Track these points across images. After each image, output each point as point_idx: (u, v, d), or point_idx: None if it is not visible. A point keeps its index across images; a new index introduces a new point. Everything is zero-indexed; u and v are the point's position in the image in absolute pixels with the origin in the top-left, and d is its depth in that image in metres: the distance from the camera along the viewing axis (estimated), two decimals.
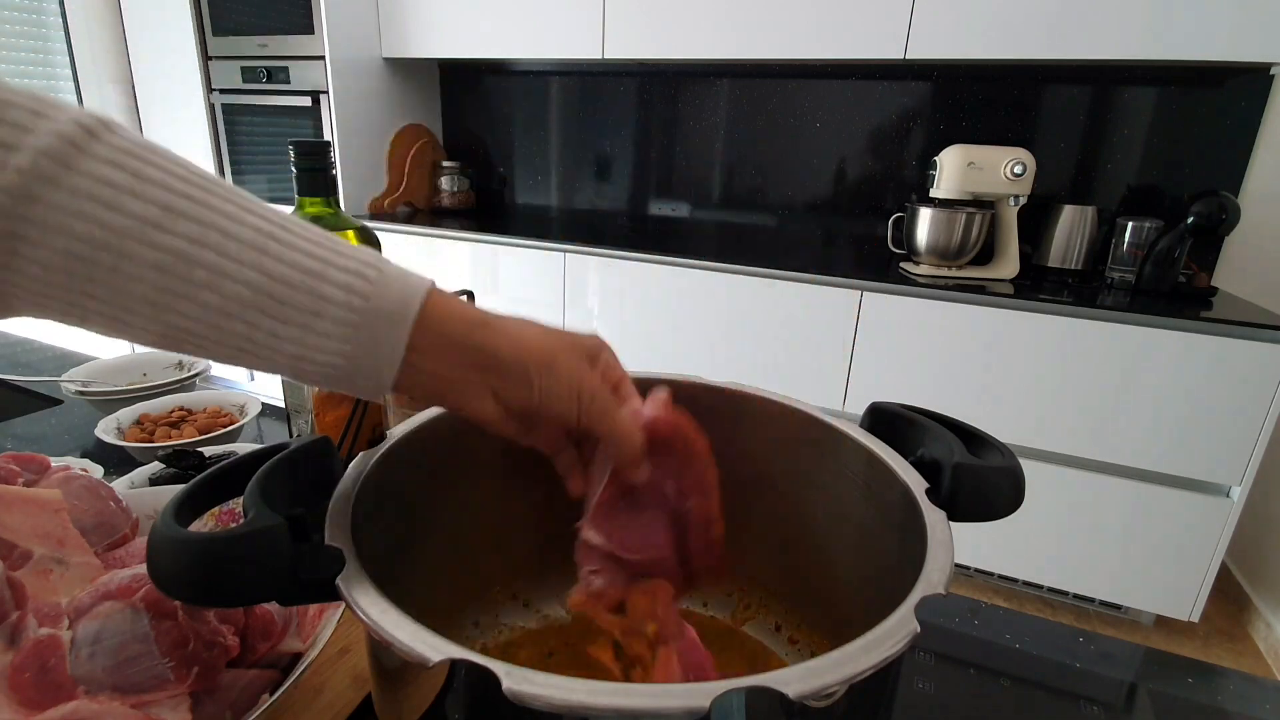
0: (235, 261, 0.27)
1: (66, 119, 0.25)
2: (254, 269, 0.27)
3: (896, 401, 0.42)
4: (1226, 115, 1.71)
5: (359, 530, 0.30)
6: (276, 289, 0.27)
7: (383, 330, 0.29)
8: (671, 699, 0.21)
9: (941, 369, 1.65)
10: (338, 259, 0.28)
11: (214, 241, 0.27)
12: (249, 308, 0.27)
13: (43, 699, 0.32)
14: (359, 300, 0.28)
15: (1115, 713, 0.45)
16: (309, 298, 0.28)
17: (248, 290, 0.27)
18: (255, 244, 0.27)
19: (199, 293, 0.27)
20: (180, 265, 0.26)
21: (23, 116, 0.25)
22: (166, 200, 0.26)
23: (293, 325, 0.28)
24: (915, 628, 0.25)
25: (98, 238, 0.25)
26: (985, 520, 0.34)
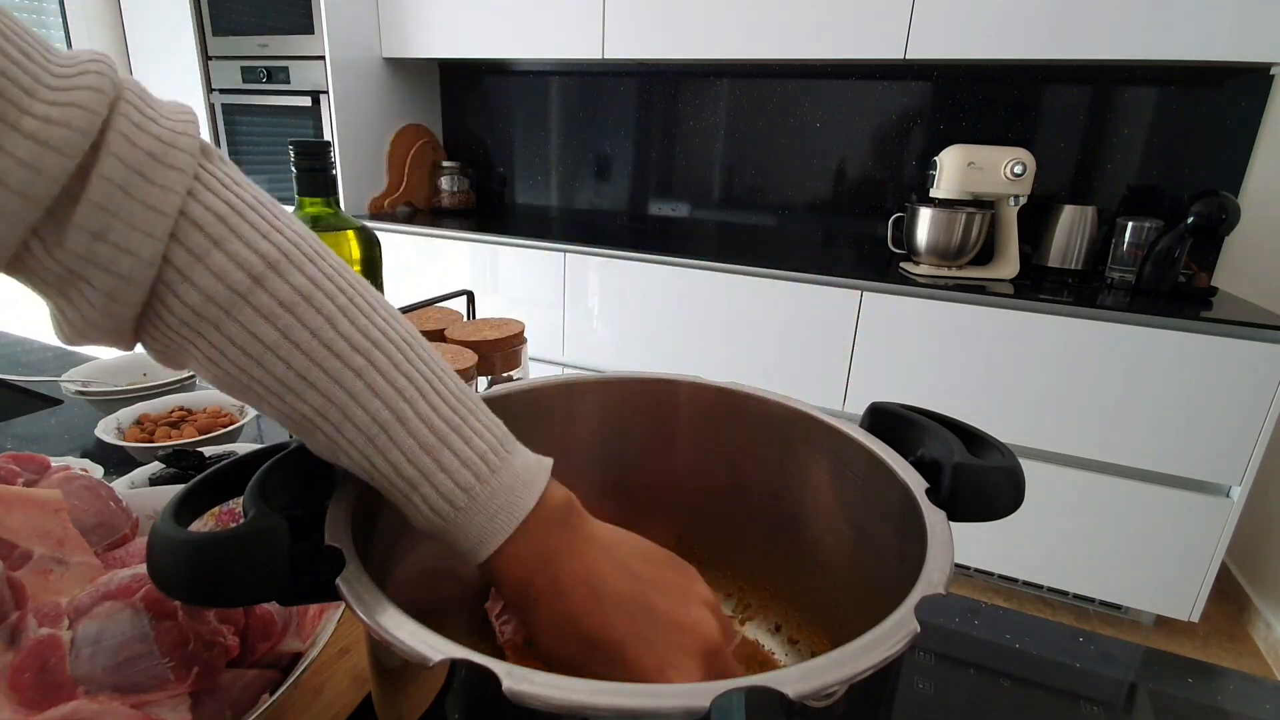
0: (349, 442, 0.29)
1: (239, 260, 0.26)
2: (362, 455, 0.29)
3: (896, 401, 0.42)
4: (1226, 115, 1.71)
5: (359, 530, 0.30)
6: (378, 478, 0.29)
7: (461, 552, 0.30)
8: (671, 699, 0.21)
9: (941, 369, 1.65)
10: (435, 474, 0.29)
11: (334, 419, 0.28)
12: (361, 472, 0.29)
13: (43, 699, 0.32)
14: (441, 523, 0.29)
15: (1115, 713, 0.45)
16: (402, 498, 0.29)
17: (356, 468, 0.29)
18: (367, 433, 0.28)
19: (322, 449, 0.29)
20: (306, 425, 0.29)
21: (201, 244, 0.26)
22: (303, 367, 0.27)
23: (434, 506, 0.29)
24: (915, 628, 0.24)
25: (244, 381, 0.28)
26: (985, 520, 0.34)
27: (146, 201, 0.25)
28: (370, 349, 0.28)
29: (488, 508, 0.29)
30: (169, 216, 0.25)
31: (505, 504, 0.30)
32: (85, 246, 0.25)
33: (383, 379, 0.28)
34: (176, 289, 0.26)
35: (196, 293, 0.26)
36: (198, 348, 0.28)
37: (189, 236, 0.26)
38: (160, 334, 0.28)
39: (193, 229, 0.26)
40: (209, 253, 0.26)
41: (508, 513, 0.30)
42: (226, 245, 0.26)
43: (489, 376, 0.63)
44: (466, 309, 0.72)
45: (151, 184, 0.25)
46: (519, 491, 0.30)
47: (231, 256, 0.26)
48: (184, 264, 0.26)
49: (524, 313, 2.07)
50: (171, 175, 0.26)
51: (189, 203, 0.26)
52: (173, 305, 0.27)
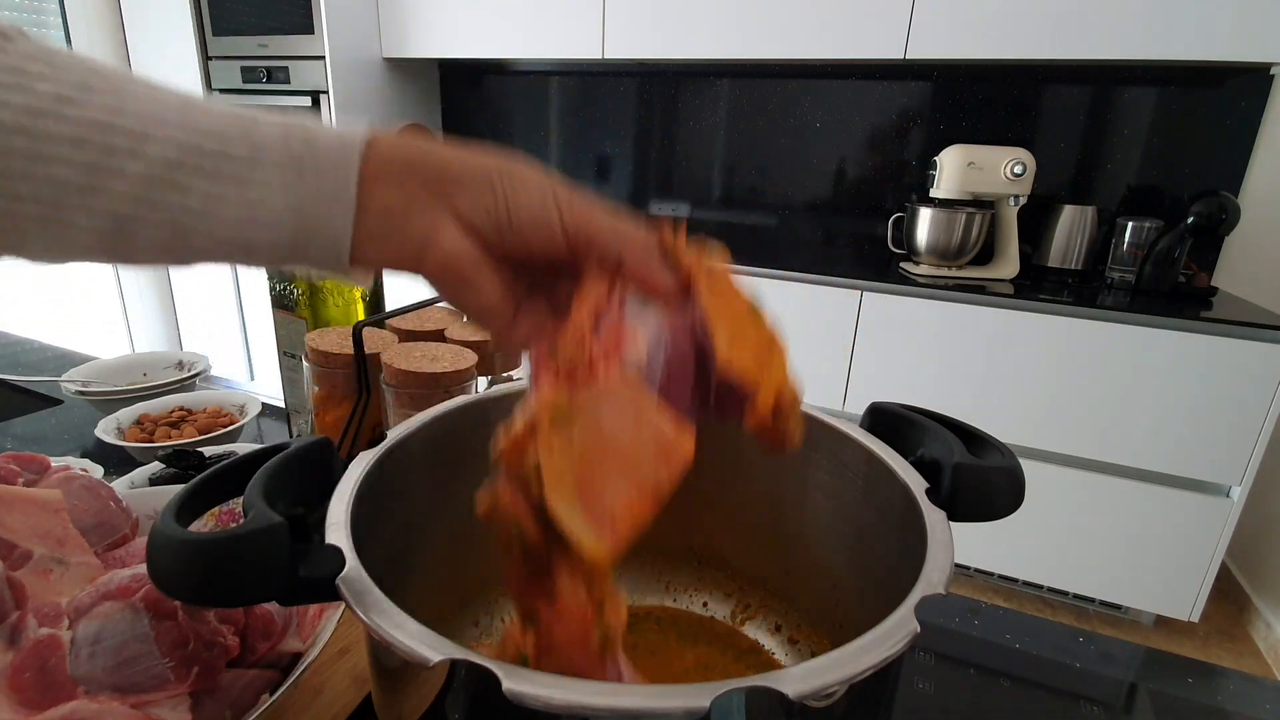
0: (158, 123, 0.24)
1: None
2: (178, 127, 0.25)
3: (896, 401, 0.42)
4: (1226, 115, 1.71)
5: (359, 530, 0.30)
6: (205, 142, 0.25)
7: (328, 167, 0.26)
8: (671, 699, 0.21)
9: (941, 369, 1.65)
10: (269, 114, 0.26)
11: (132, 109, 0.24)
12: (178, 168, 0.25)
13: (43, 699, 0.32)
14: (298, 143, 0.26)
15: (1115, 713, 0.45)
16: (242, 146, 0.25)
17: (174, 150, 0.25)
18: (177, 106, 0.25)
19: (124, 162, 0.24)
20: (98, 135, 0.24)
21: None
22: (82, 78, 0.24)
23: (227, 181, 0.25)
24: (915, 628, 0.25)
25: (8, 121, 0.23)
26: (985, 520, 0.34)
27: None
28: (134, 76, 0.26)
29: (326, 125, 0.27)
30: None
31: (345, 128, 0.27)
32: None
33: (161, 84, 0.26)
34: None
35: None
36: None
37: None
38: None
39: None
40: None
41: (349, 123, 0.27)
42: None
43: (489, 376, 0.63)
44: None
45: None
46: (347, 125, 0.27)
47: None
48: None
49: None
50: None
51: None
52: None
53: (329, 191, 0.26)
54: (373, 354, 0.58)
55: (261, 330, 2.56)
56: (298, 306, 0.67)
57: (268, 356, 2.59)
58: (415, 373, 0.54)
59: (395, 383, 0.55)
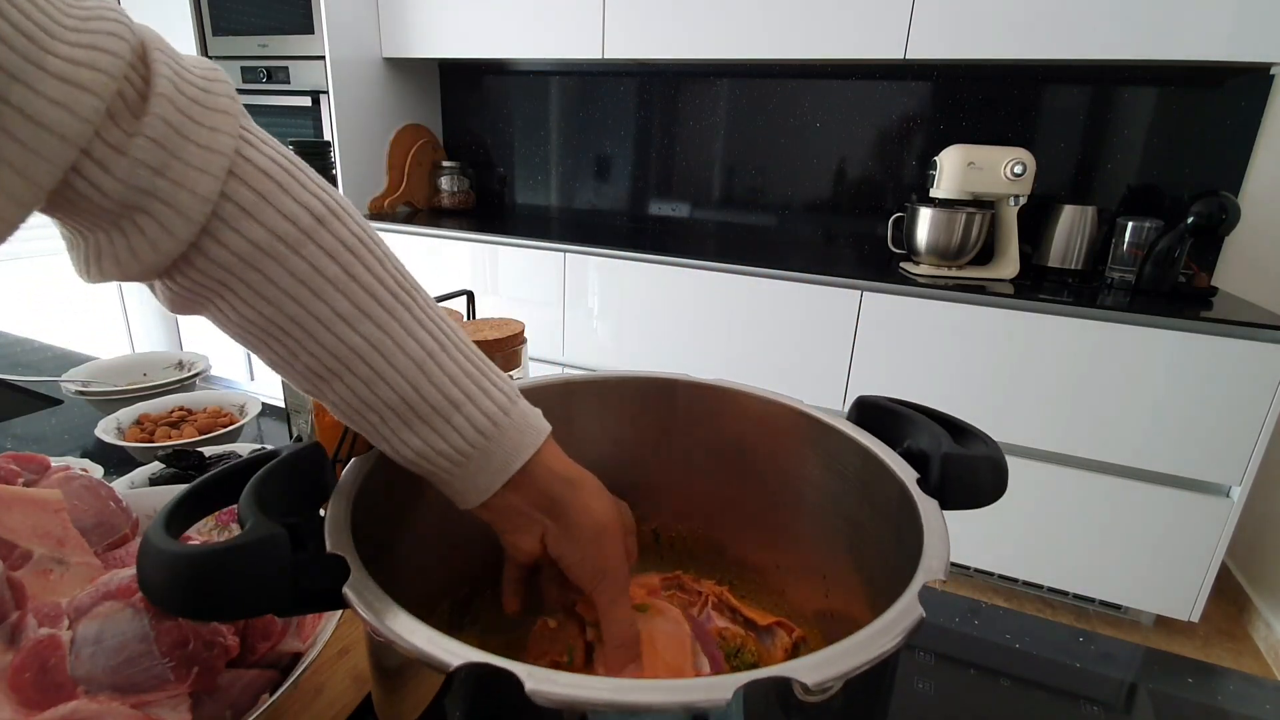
0: (396, 371, 0.31)
1: (305, 204, 0.29)
2: (410, 383, 0.31)
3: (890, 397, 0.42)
4: (1226, 115, 1.71)
5: (357, 536, 0.30)
6: (418, 405, 0.31)
7: (492, 467, 0.33)
8: (692, 693, 0.21)
9: (941, 369, 1.65)
10: (479, 396, 0.33)
11: (386, 349, 0.31)
12: (389, 408, 0.31)
13: (43, 699, 0.32)
14: (482, 440, 0.33)
15: (1115, 713, 0.45)
16: (442, 422, 0.32)
17: (395, 396, 0.31)
18: (418, 360, 0.31)
19: (355, 383, 0.31)
20: (350, 360, 0.30)
21: (269, 188, 0.29)
22: (362, 301, 0.30)
23: (420, 438, 0.32)
24: (920, 614, 0.25)
25: (295, 318, 0.30)
26: (972, 508, 0.34)
27: (199, 141, 0.27)
28: (412, 290, 0.33)
29: (522, 422, 0.34)
30: (223, 155, 0.27)
31: (534, 420, 0.35)
32: (147, 181, 0.26)
33: (425, 315, 0.32)
34: (240, 226, 0.28)
35: (263, 230, 0.28)
36: (247, 284, 0.29)
37: (255, 179, 0.28)
38: (199, 271, 0.29)
39: (257, 173, 0.28)
40: (276, 194, 0.29)
41: (537, 427, 0.35)
42: (291, 190, 0.29)
43: None
44: (466, 309, 0.72)
45: (201, 125, 0.27)
46: (538, 415, 0.36)
47: (297, 200, 0.29)
48: (249, 203, 0.28)
49: (524, 313, 2.07)
50: (219, 118, 0.28)
51: (244, 146, 0.28)
52: (232, 242, 0.28)
53: (481, 484, 0.34)
54: None
55: None
56: None
57: None
58: None
59: None
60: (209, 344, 2.70)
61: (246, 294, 0.29)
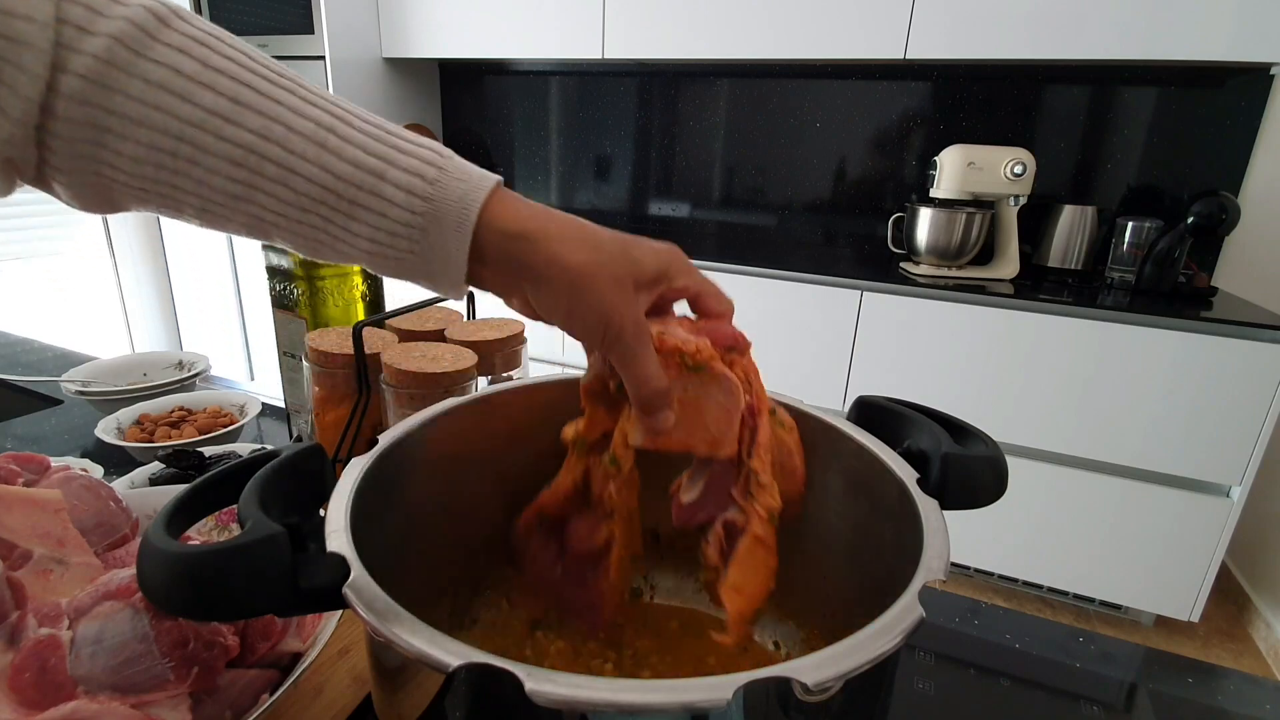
0: (300, 157, 0.28)
1: (140, 3, 0.27)
2: (317, 165, 0.28)
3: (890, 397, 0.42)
4: (1226, 115, 1.71)
5: (357, 536, 0.30)
6: (341, 186, 0.28)
7: (446, 235, 0.29)
8: (693, 693, 0.21)
9: (941, 369, 1.65)
10: (398, 157, 0.29)
11: (279, 135, 0.28)
12: (319, 203, 0.28)
13: (43, 699, 0.32)
14: (420, 203, 0.29)
15: (1115, 713, 0.45)
16: (372, 197, 0.29)
17: (315, 186, 0.28)
18: (316, 138, 0.28)
19: (272, 186, 0.28)
20: (251, 159, 0.27)
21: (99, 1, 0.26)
22: (234, 91, 0.27)
23: (362, 222, 0.29)
24: (920, 613, 0.25)
25: (174, 129, 0.27)
26: (972, 508, 0.34)
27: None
28: (288, 76, 0.29)
29: (461, 172, 0.30)
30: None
31: (476, 172, 0.30)
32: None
33: (312, 93, 0.29)
34: (79, 44, 0.26)
35: (101, 39, 0.26)
36: (112, 113, 0.26)
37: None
38: (68, 121, 0.27)
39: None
40: (108, 5, 0.26)
41: (481, 175, 0.30)
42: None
43: (489, 376, 0.63)
44: (466, 309, 0.72)
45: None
46: (476, 168, 0.31)
47: (129, 3, 0.27)
48: (82, 18, 0.26)
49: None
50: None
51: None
52: (77, 64, 0.26)
53: (448, 256, 0.30)
54: (373, 354, 0.58)
55: (261, 330, 2.56)
56: (298, 306, 0.67)
57: (268, 356, 2.59)
58: (415, 373, 0.54)
59: (395, 383, 0.55)
60: (209, 344, 2.70)
61: (119, 125, 0.27)
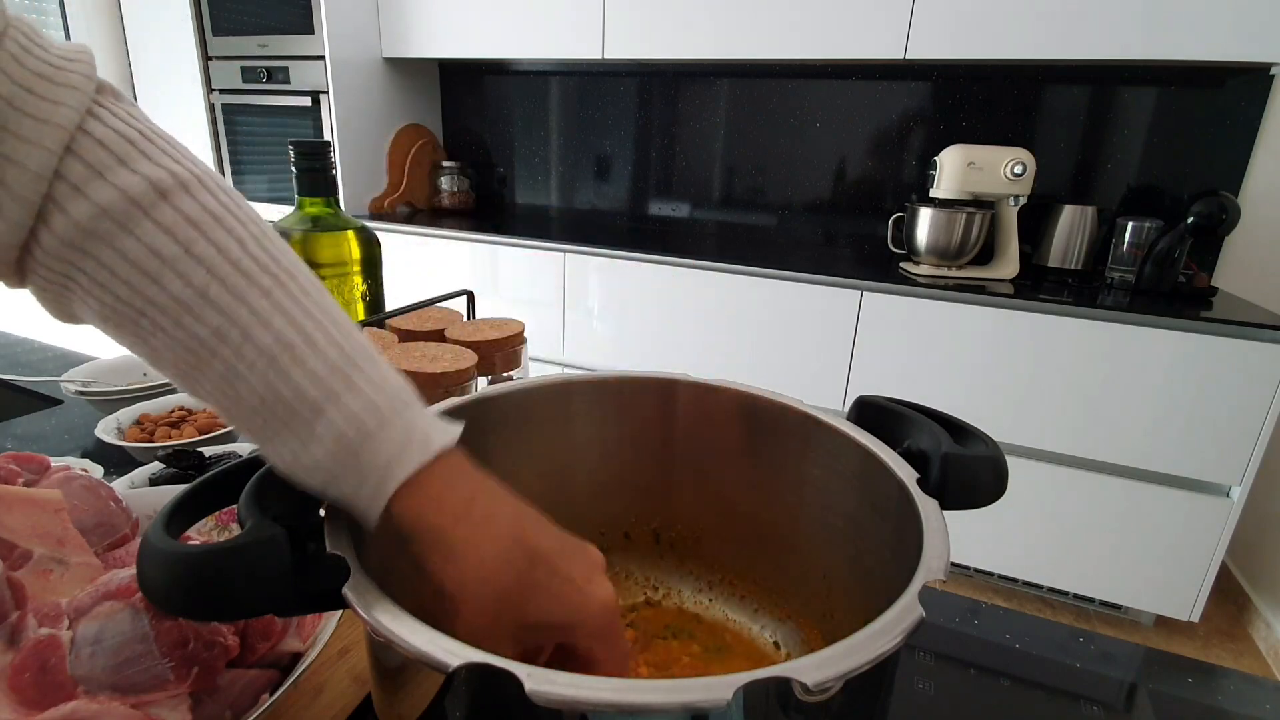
0: (248, 366, 0.27)
1: (146, 175, 0.26)
2: (261, 380, 0.27)
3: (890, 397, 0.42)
4: (1226, 115, 1.71)
5: (357, 536, 0.30)
6: (277, 407, 0.27)
7: (358, 494, 0.28)
8: (693, 693, 0.21)
9: (941, 369, 1.65)
10: (345, 397, 0.27)
11: (234, 340, 0.27)
12: (254, 410, 0.28)
13: (43, 699, 0.32)
14: (344, 454, 0.27)
15: (1115, 713, 0.45)
16: (302, 427, 0.27)
17: (255, 396, 0.27)
18: (269, 353, 0.27)
19: (217, 381, 0.27)
20: (202, 352, 0.27)
21: (104, 159, 0.26)
22: (203, 284, 0.27)
23: (285, 444, 0.28)
24: (920, 613, 0.25)
25: (136, 305, 0.27)
26: (972, 508, 0.34)
27: (36, 114, 0.25)
28: (279, 274, 0.28)
29: (404, 434, 0.28)
30: (59, 128, 0.25)
31: (423, 431, 0.28)
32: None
33: (290, 301, 0.28)
34: (69, 205, 0.25)
35: (90, 206, 0.25)
36: (83, 271, 0.26)
37: (91, 152, 0.26)
38: (40, 264, 0.27)
39: (95, 146, 0.26)
40: (111, 168, 0.26)
41: (425, 439, 0.28)
42: (132, 162, 0.26)
43: (489, 376, 0.63)
44: (466, 309, 0.72)
45: (42, 99, 0.25)
46: (436, 425, 0.29)
47: (137, 171, 0.26)
48: (79, 178, 0.25)
49: (524, 313, 2.07)
50: (63, 92, 0.25)
51: (89, 121, 0.26)
52: (58, 225, 0.26)
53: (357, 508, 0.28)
54: None
55: None
56: None
57: None
58: (415, 373, 0.54)
59: None
60: None
61: (87, 283, 0.27)
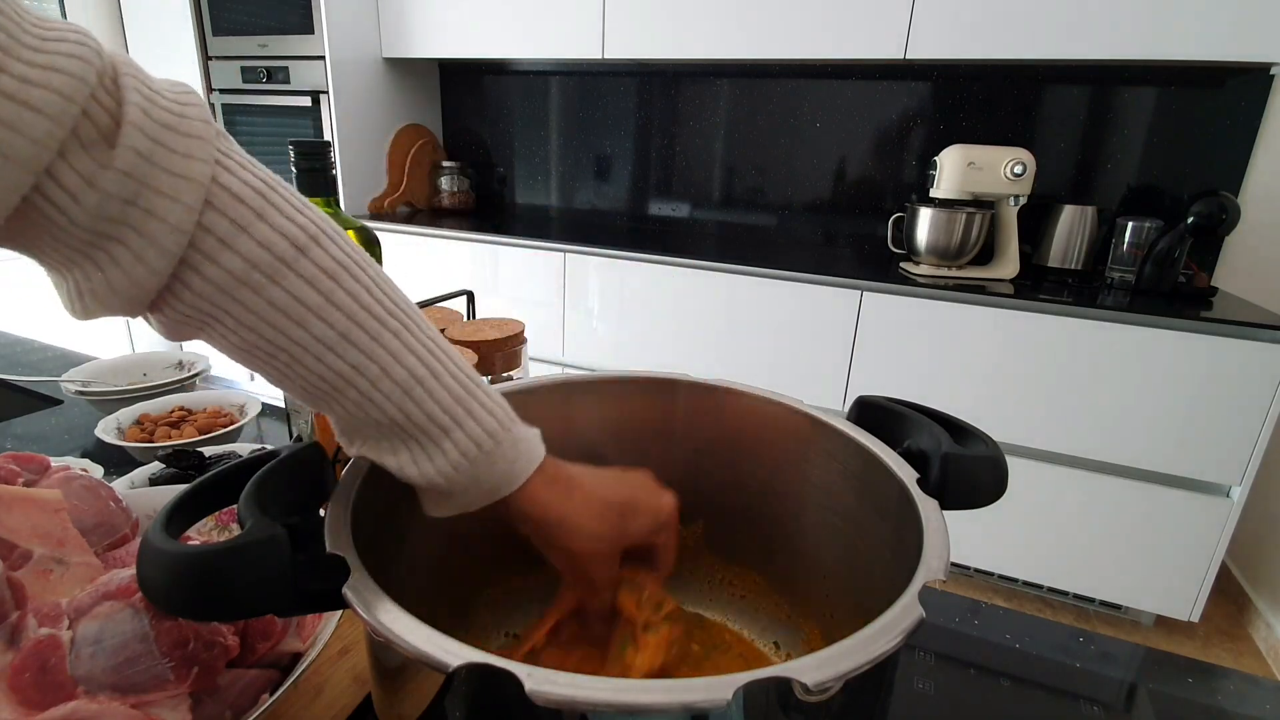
0: (385, 396, 0.31)
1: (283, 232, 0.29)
2: (396, 407, 0.32)
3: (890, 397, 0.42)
4: (1226, 115, 1.71)
5: (357, 536, 0.30)
6: (409, 427, 0.32)
7: (477, 495, 0.34)
8: (693, 693, 0.21)
9: (941, 369, 1.65)
10: (467, 421, 0.33)
11: (372, 375, 0.31)
12: (384, 429, 0.32)
13: (43, 699, 0.32)
14: (467, 465, 0.33)
15: (1115, 713, 0.45)
16: (431, 445, 0.33)
17: (386, 419, 0.32)
18: (404, 386, 0.32)
19: (349, 405, 0.32)
20: (339, 383, 0.31)
21: (244, 214, 0.28)
22: (345, 328, 0.30)
23: (412, 458, 0.33)
24: (920, 614, 0.25)
25: (280, 344, 0.30)
26: (971, 508, 0.34)
27: (172, 169, 0.26)
28: (402, 315, 0.32)
29: (514, 449, 0.34)
30: (198, 183, 0.27)
31: (527, 447, 0.35)
32: (118, 212, 0.25)
33: (415, 340, 0.32)
34: (218, 257, 0.27)
35: (240, 260, 0.28)
36: (229, 314, 0.29)
37: (230, 208, 0.28)
38: (183, 303, 0.28)
39: (233, 200, 0.28)
40: (253, 224, 0.28)
41: (529, 454, 0.35)
42: (269, 217, 0.29)
43: (489, 376, 0.63)
44: (466, 309, 0.72)
45: (174, 152, 0.26)
46: (533, 440, 0.36)
47: (275, 228, 0.29)
48: (226, 233, 0.27)
49: (524, 313, 2.07)
50: (193, 144, 0.27)
51: (220, 173, 0.28)
52: (210, 273, 0.28)
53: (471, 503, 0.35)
54: None
55: None
56: None
57: None
58: None
59: None
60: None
61: (231, 324, 0.29)
